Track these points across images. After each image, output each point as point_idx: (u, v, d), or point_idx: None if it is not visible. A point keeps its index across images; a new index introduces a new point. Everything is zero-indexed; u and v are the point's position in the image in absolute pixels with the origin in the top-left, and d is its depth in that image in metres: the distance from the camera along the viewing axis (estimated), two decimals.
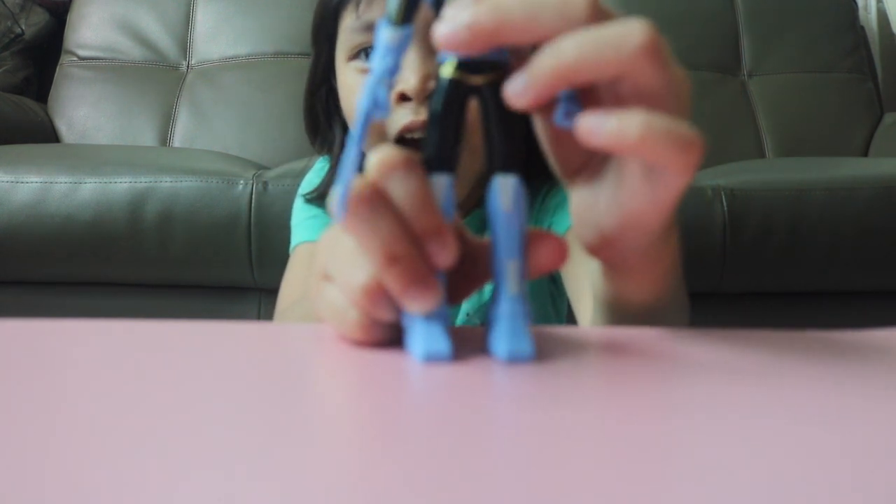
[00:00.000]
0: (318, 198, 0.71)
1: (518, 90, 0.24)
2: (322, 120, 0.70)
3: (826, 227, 1.04)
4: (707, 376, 0.24)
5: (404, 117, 0.57)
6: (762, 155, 1.65)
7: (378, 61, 0.26)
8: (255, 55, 1.66)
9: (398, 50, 0.26)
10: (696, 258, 1.03)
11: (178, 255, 1.03)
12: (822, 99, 1.71)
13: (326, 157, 0.72)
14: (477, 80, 0.27)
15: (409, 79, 0.57)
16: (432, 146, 0.27)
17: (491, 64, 0.27)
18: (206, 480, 0.15)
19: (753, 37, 1.76)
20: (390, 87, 0.26)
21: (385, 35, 0.26)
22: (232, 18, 1.69)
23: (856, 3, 1.84)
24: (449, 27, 0.24)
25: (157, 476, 0.16)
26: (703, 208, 1.03)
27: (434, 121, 0.27)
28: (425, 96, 0.57)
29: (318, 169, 0.76)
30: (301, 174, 1.04)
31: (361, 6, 0.60)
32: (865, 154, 1.66)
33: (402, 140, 0.58)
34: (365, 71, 0.62)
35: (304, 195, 0.72)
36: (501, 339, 0.26)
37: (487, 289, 0.29)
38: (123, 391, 0.22)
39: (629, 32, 0.23)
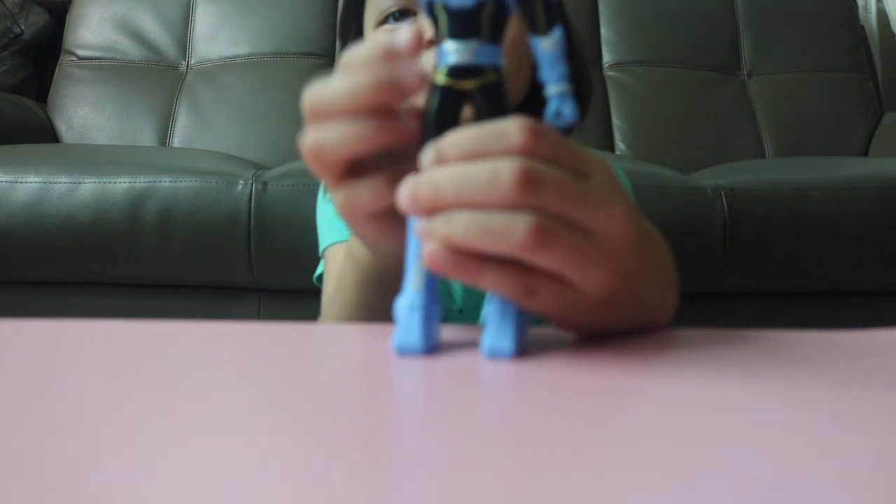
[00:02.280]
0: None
1: (419, 230, 0.26)
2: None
3: (826, 227, 1.04)
4: (707, 376, 0.24)
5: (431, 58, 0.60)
6: (762, 155, 1.65)
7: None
8: (255, 55, 1.66)
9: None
10: (696, 258, 1.03)
11: (178, 255, 1.03)
12: (822, 99, 1.71)
13: None
14: (468, 84, 0.28)
15: (429, 29, 0.59)
16: None
17: (480, 69, 0.28)
18: (205, 480, 0.15)
19: (753, 37, 1.76)
20: None
21: None
22: (231, 18, 1.69)
23: (856, 3, 1.84)
24: (402, 193, 0.26)
25: (157, 476, 0.16)
26: (703, 208, 1.03)
27: (430, 125, 0.28)
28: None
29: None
30: (301, 174, 1.04)
31: None
32: (865, 154, 1.66)
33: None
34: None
35: (324, 190, 0.72)
36: (487, 336, 0.27)
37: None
38: (123, 391, 0.22)
39: (515, 224, 0.24)
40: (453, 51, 0.28)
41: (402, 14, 0.62)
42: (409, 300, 0.27)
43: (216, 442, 0.18)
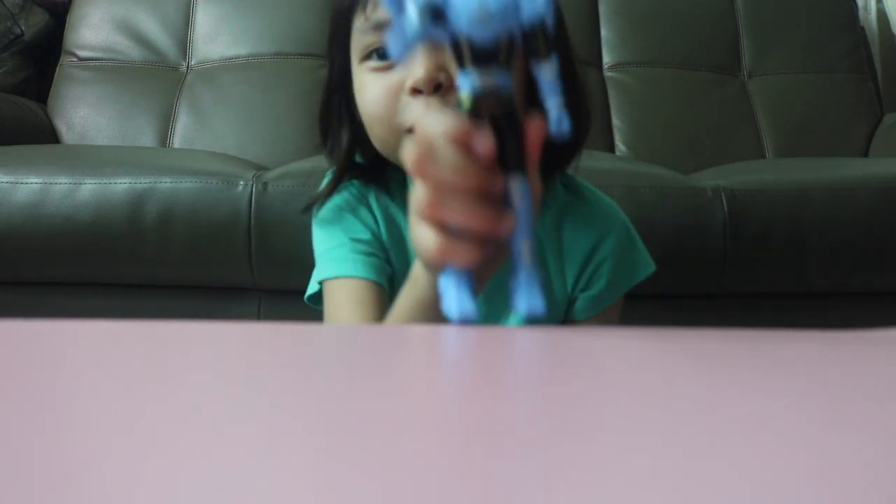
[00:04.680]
0: (319, 199, 0.71)
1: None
2: (334, 126, 0.70)
3: (826, 228, 1.04)
4: (707, 376, 0.24)
5: (417, 109, 0.60)
6: (762, 155, 1.65)
7: (409, 24, 0.34)
8: (255, 56, 1.66)
9: (419, 35, 0.35)
10: (696, 259, 1.03)
11: (178, 255, 1.03)
12: (822, 99, 1.71)
13: (333, 170, 0.72)
14: (491, 104, 0.35)
15: (416, 72, 0.60)
16: None
17: (497, 92, 0.35)
18: (206, 481, 0.15)
19: (753, 37, 1.76)
20: None
21: (409, 21, 0.34)
22: (232, 19, 1.69)
23: (856, 4, 1.84)
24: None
25: (157, 476, 0.16)
26: (703, 208, 1.03)
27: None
28: (434, 87, 0.59)
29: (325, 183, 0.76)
30: (301, 175, 1.04)
31: (369, 7, 0.62)
32: (865, 154, 1.66)
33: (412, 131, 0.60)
34: (377, 69, 0.63)
35: (316, 215, 0.72)
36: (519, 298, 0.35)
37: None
38: (123, 391, 0.22)
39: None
40: (476, 77, 0.35)
41: (386, 49, 0.62)
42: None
43: (217, 442, 0.18)
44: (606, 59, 1.73)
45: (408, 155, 0.36)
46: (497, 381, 0.24)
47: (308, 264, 0.75)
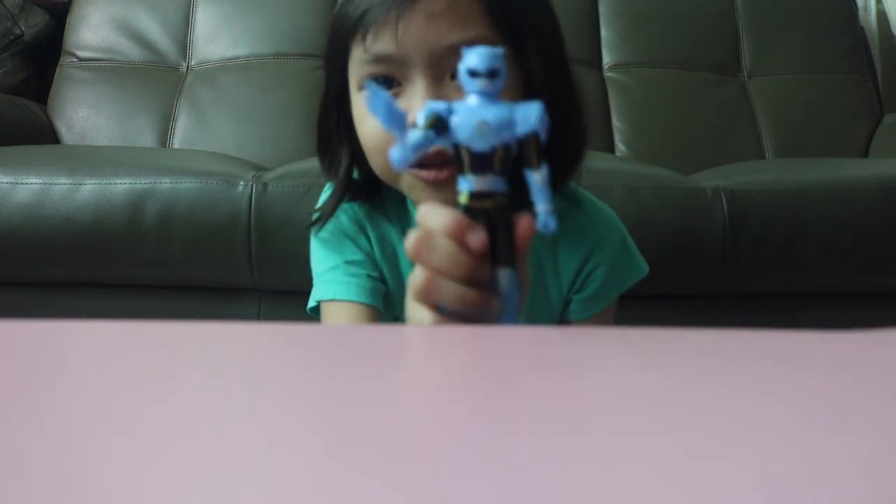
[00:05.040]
0: (321, 220, 0.71)
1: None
2: (333, 143, 0.71)
3: (826, 228, 1.04)
4: (707, 376, 0.24)
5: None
6: (762, 156, 1.65)
7: (413, 136, 0.38)
8: (255, 56, 1.66)
9: (423, 145, 0.39)
10: (696, 259, 1.03)
11: (178, 256, 1.03)
12: (822, 100, 1.71)
13: (332, 183, 0.72)
14: (486, 204, 0.39)
15: (415, 109, 0.60)
16: None
17: (493, 194, 0.39)
18: (206, 481, 0.15)
19: (753, 37, 1.76)
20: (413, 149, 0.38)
21: (414, 135, 0.38)
22: (232, 19, 1.69)
23: (856, 4, 1.84)
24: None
25: (158, 476, 0.16)
26: (703, 209, 1.03)
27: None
28: (431, 123, 0.59)
29: (325, 198, 0.77)
30: (301, 175, 1.04)
31: (368, 39, 0.61)
32: (865, 155, 1.66)
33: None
34: None
35: (314, 233, 0.73)
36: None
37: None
38: (123, 392, 0.22)
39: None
40: (473, 181, 0.39)
41: (385, 80, 0.62)
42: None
43: (216, 442, 0.18)
44: (606, 59, 1.73)
45: (408, 242, 0.40)
46: (497, 380, 0.24)
47: (307, 265, 0.75)
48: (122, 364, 0.25)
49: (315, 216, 0.72)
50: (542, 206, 0.39)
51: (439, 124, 0.38)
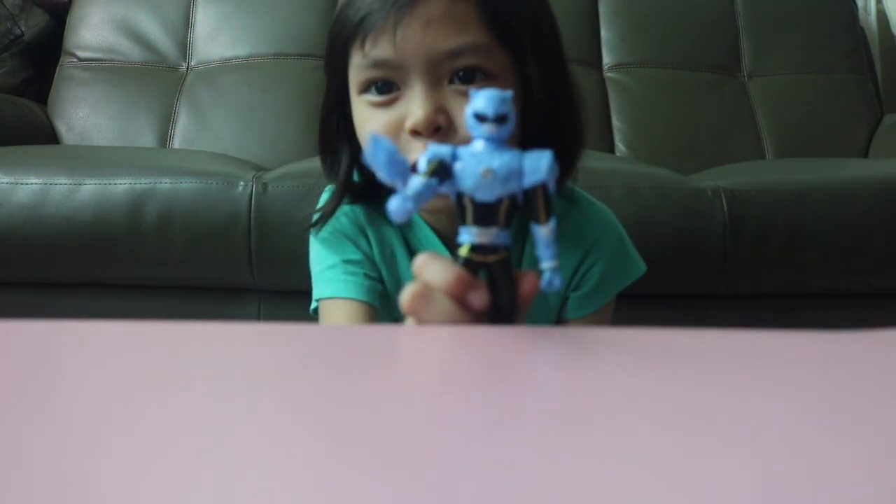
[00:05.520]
0: (321, 221, 0.72)
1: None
2: (334, 145, 0.71)
3: (826, 228, 1.04)
4: (706, 376, 0.24)
5: (416, 150, 0.60)
6: (762, 156, 1.65)
7: (413, 183, 0.35)
8: (255, 56, 1.66)
9: (425, 194, 0.35)
10: (696, 259, 1.03)
11: (178, 256, 1.03)
12: (821, 100, 1.71)
13: (332, 185, 0.73)
14: (489, 259, 0.36)
15: (415, 114, 0.60)
16: None
17: (496, 248, 0.36)
18: (206, 481, 0.15)
19: (753, 37, 1.76)
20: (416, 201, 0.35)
21: (415, 183, 0.35)
22: (232, 19, 1.69)
23: (855, 5, 1.84)
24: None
25: (158, 476, 0.16)
26: (703, 209, 1.03)
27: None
28: (433, 129, 0.59)
29: (325, 199, 0.77)
30: (301, 175, 1.04)
31: (367, 45, 0.61)
32: (865, 155, 1.66)
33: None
34: (374, 104, 0.63)
35: (314, 233, 0.73)
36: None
37: None
38: (123, 392, 0.22)
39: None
40: (476, 233, 0.36)
41: (384, 84, 0.62)
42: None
43: (216, 442, 0.18)
44: (606, 59, 1.73)
45: (405, 296, 0.37)
46: (496, 380, 0.24)
47: (307, 265, 0.75)
48: (122, 364, 0.25)
49: (315, 217, 0.73)
50: (548, 263, 0.37)
51: (442, 170, 0.36)
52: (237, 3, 1.70)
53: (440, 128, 0.59)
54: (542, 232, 0.37)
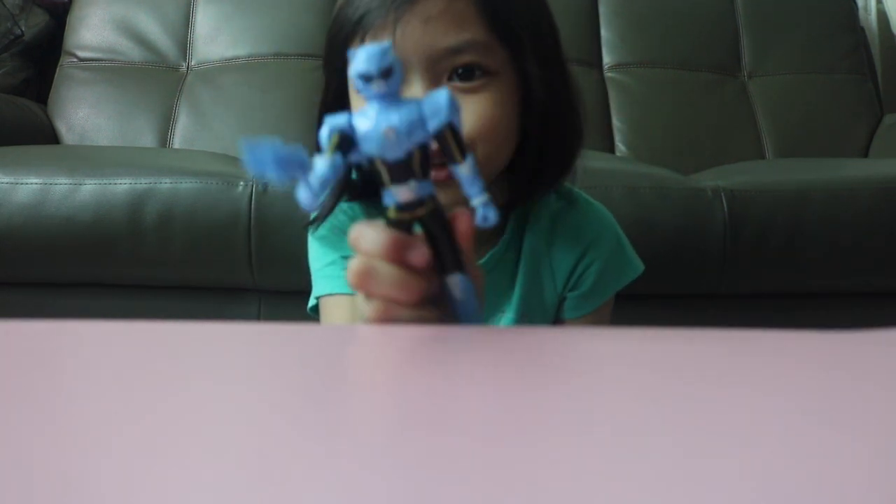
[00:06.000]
0: (319, 219, 0.72)
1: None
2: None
3: (826, 228, 1.04)
4: (706, 376, 0.24)
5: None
6: (762, 156, 1.65)
7: (318, 168, 0.34)
8: (255, 56, 1.66)
9: (331, 175, 0.35)
10: (697, 259, 1.03)
11: (178, 256, 1.03)
12: (822, 100, 1.71)
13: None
14: (418, 213, 0.36)
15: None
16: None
17: (421, 200, 0.36)
18: (206, 481, 0.15)
19: (753, 37, 1.76)
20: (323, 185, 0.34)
21: (320, 167, 0.34)
22: (232, 19, 1.69)
23: (856, 5, 1.84)
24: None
25: (158, 476, 0.16)
26: (704, 209, 1.03)
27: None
28: (336, 144, 0.59)
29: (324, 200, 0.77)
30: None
31: (366, 42, 0.61)
32: (865, 155, 1.66)
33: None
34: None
35: (312, 231, 0.74)
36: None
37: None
38: (123, 392, 0.22)
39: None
40: (398, 192, 0.36)
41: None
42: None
43: (216, 443, 0.18)
44: (606, 59, 1.73)
45: (349, 274, 0.37)
46: (496, 380, 0.24)
47: (307, 265, 0.75)
48: (122, 364, 0.25)
49: (313, 215, 0.73)
50: (476, 198, 0.36)
51: (345, 142, 0.35)
52: (237, 3, 1.70)
53: None
54: (463, 170, 0.36)
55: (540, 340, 0.29)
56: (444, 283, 0.37)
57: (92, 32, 1.69)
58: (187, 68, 1.67)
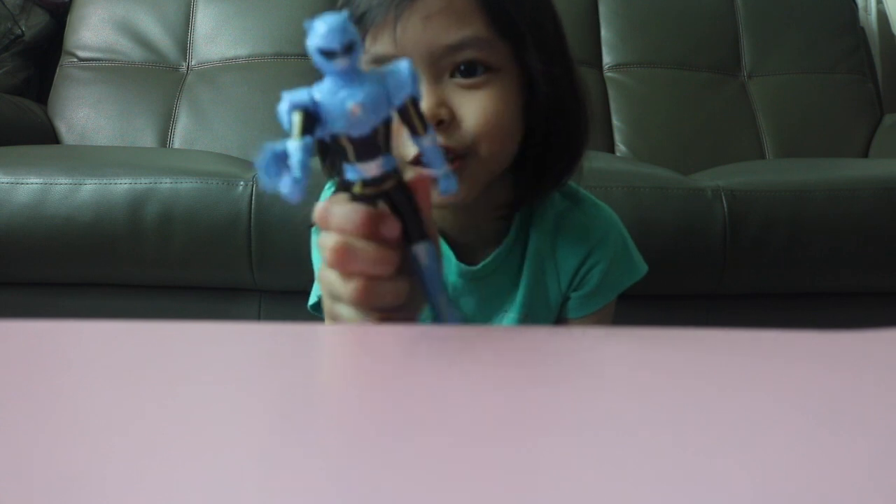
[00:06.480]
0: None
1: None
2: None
3: (826, 228, 1.04)
4: (706, 376, 0.24)
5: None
6: (762, 156, 1.65)
7: (294, 157, 0.34)
8: (255, 56, 1.66)
9: (307, 158, 0.34)
10: (697, 259, 1.03)
11: (178, 256, 1.03)
12: (822, 100, 1.71)
13: (332, 183, 0.73)
14: (384, 186, 0.36)
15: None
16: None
17: (386, 175, 0.36)
18: (206, 482, 0.15)
19: (753, 37, 1.76)
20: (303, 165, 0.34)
21: (294, 152, 0.34)
22: (232, 19, 1.69)
23: (856, 4, 1.84)
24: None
25: (158, 476, 0.16)
26: (704, 209, 1.03)
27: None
28: (436, 123, 0.59)
29: (325, 197, 0.77)
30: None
31: (367, 41, 0.61)
32: (865, 155, 1.66)
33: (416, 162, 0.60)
34: None
35: (315, 230, 0.74)
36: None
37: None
38: (123, 392, 0.22)
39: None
40: (365, 169, 0.36)
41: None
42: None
43: (216, 443, 0.18)
44: (606, 59, 1.73)
45: (327, 252, 0.37)
46: (496, 380, 0.24)
47: (307, 265, 0.75)
48: (122, 364, 0.25)
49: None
50: (439, 169, 0.37)
51: (309, 121, 0.34)
52: (237, 3, 1.71)
53: (443, 121, 0.59)
54: (425, 142, 0.36)
55: (540, 340, 0.29)
56: (410, 251, 0.38)
57: (92, 32, 1.69)
58: (187, 68, 1.67)
